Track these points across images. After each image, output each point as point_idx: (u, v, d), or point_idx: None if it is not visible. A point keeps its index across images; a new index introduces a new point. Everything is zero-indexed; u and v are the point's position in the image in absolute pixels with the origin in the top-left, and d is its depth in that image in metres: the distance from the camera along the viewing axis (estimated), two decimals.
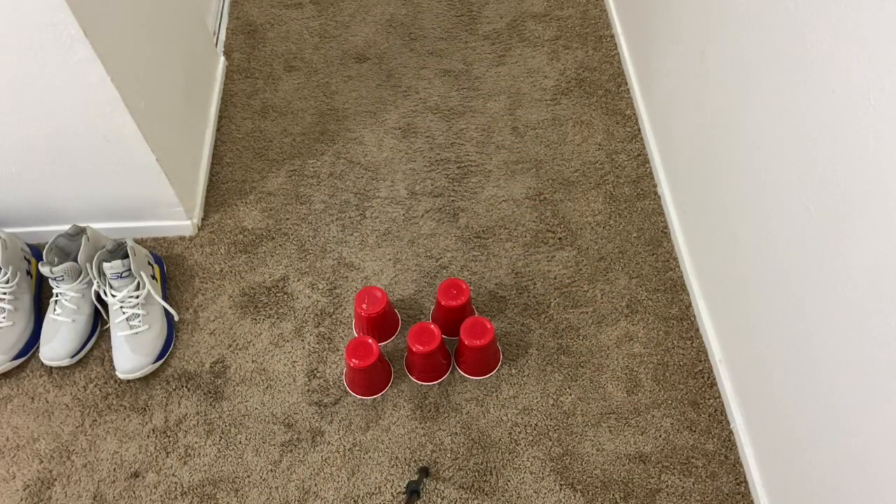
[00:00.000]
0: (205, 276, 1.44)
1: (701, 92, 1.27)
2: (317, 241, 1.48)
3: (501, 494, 1.20)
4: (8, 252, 1.32)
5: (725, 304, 1.26)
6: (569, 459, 1.23)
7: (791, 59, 0.94)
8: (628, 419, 1.27)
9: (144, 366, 1.29)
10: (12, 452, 1.25)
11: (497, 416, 1.27)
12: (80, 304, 1.32)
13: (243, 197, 1.55)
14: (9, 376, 1.33)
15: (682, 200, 1.44)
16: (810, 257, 0.95)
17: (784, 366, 1.06)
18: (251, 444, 1.26)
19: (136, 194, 1.38)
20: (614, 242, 1.46)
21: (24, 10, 1.00)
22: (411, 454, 1.24)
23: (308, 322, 1.38)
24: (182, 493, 1.21)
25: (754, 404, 1.19)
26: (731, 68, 1.13)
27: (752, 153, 1.09)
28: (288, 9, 1.89)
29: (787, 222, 1.00)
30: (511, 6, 1.85)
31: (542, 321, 1.37)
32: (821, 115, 0.88)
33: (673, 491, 1.20)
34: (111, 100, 1.15)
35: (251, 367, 1.33)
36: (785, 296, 1.04)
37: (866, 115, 0.79)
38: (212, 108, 1.65)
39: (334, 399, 1.30)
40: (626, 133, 1.62)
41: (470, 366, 1.30)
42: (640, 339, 1.35)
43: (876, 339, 0.83)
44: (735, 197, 1.16)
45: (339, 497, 1.21)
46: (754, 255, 1.12)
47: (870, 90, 0.78)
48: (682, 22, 1.34)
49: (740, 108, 1.11)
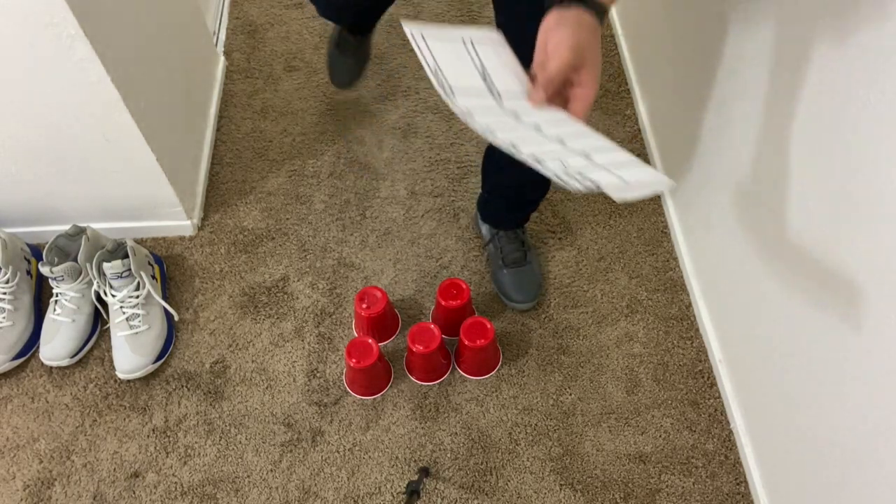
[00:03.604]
0: (205, 276, 1.44)
1: (701, 91, 1.27)
2: (317, 241, 1.48)
3: (501, 494, 1.20)
4: (8, 252, 1.32)
5: (725, 304, 1.26)
6: (569, 459, 1.23)
7: (792, 58, 0.94)
8: (628, 419, 1.27)
9: (144, 366, 1.29)
10: (12, 452, 1.25)
11: (497, 416, 1.27)
12: (80, 304, 1.32)
13: (243, 197, 1.55)
14: (9, 376, 1.33)
15: (681, 200, 1.44)
16: (810, 256, 0.95)
17: (784, 366, 1.06)
18: (251, 444, 1.26)
19: (136, 194, 1.38)
20: (614, 242, 1.46)
21: (24, 10, 1.00)
22: (411, 454, 1.24)
23: (308, 322, 1.38)
24: (182, 493, 1.21)
25: (754, 404, 1.19)
26: (730, 68, 1.13)
27: (752, 153, 1.09)
28: (288, 9, 1.89)
29: (787, 221, 1.00)
30: None
31: (542, 321, 1.37)
32: (821, 115, 0.88)
33: (673, 491, 1.20)
34: (111, 100, 1.15)
35: (251, 367, 1.33)
36: (785, 295, 1.04)
37: (866, 115, 0.79)
38: (212, 108, 1.65)
39: (334, 399, 1.30)
40: (626, 133, 1.62)
41: (470, 366, 1.30)
42: (640, 339, 1.35)
43: (876, 338, 0.83)
44: (735, 197, 1.16)
45: (339, 497, 1.21)
46: (754, 255, 1.12)
47: (870, 90, 0.78)
48: (681, 22, 1.34)
49: (740, 108, 1.11)
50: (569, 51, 0.66)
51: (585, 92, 0.68)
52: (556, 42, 0.67)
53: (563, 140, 0.66)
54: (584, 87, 0.68)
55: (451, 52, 0.66)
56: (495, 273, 1.39)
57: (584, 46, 0.67)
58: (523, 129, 0.67)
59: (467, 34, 0.66)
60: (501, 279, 1.37)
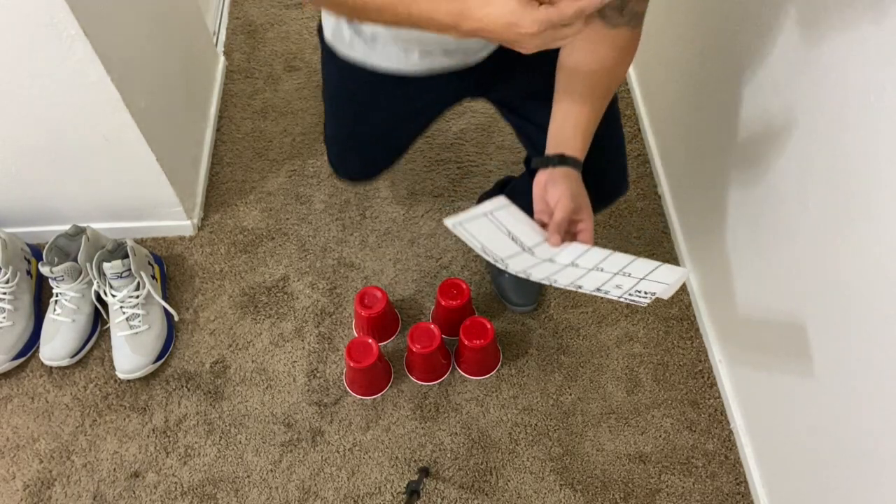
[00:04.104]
0: (205, 276, 1.44)
1: (701, 91, 1.27)
2: (317, 240, 1.48)
3: (501, 494, 1.20)
4: (8, 252, 1.32)
5: (725, 304, 1.26)
6: (569, 459, 1.23)
7: (791, 59, 0.94)
8: (628, 419, 1.27)
9: (144, 366, 1.29)
10: (12, 452, 1.25)
11: (497, 416, 1.27)
12: (80, 304, 1.32)
13: (243, 197, 1.55)
14: (9, 376, 1.33)
15: (682, 200, 1.44)
16: (810, 256, 0.95)
17: (784, 366, 1.06)
18: (251, 444, 1.26)
19: (136, 194, 1.38)
20: (614, 242, 1.46)
21: (24, 10, 1.00)
22: (411, 454, 1.24)
23: (308, 322, 1.38)
24: (182, 493, 1.21)
25: (754, 404, 1.19)
26: (730, 67, 1.13)
27: (752, 153, 1.09)
28: (288, 9, 1.89)
29: (787, 221, 1.00)
30: None
31: (542, 321, 1.37)
32: (821, 115, 0.88)
33: (673, 491, 1.20)
34: (111, 100, 1.15)
35: (251, 367, 1.33)
36: (785, 295, 1.04)
37: (866, 115, 0.79)
38: (212, 108, 1.65)
39: (334, 399, 1.30)
40: (626, 133, 1.61)
41: (470, 366, 1.30)
42: (640, 339, 1.35)
43: (876, 338, 0.83)
44: (735, 197, 1.17)
45: (339, 497, 1.21)
46: (754, 255, 1.12)
47: (870, 90, 0.78)
48: (682, 22, 1.34)
49: (740, 108, 1.11)
50: (569, 200, 0.83)
51: (588, 225, 0.85)
52: (556, 196, 0.83)
53: (601, 267, 0.83)
54: (585, 222, 0.85)
55: (484, 228, 0.79)
56: (495, 276, 1.39)
57: (578, 193, 0.84)
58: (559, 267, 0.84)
59: (487, 209, 0.78)
60: (502, 283, 1.37)
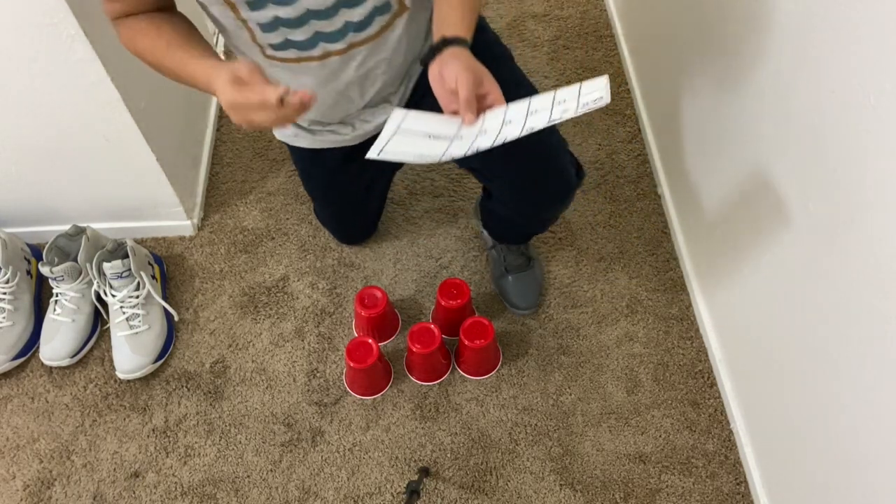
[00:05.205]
0: (205, 276, 1.44)
1: (701, 91, 1.27)
2: (317, 240, 1.48)
3: (501, 494, 1.20)
4: (8, 252, 1.32)
5: (725, 304, 1.26)
6: (569, 459, 1.23)
7: (791, 59, 0.94)
8: (628, 419, 1.27)
9: (144, 366, 1.29)
10: (12, 452, 1.26)
11: (497, 416, 1.27)
12: (80, 304, 1.33)
13: (243, 197, 1.55)
14: (9, 376, 1.33)
15: (682, 200, 1.44)
16: (810, 257, 0.95)
17: (784, 366, 1.06)
18: (251, 444, 1.26)
19: (136, 194, 1.38)
20: (614, 242, 1.46)
21: (24, 10, 1.00)
22: (411, 454, 1.24)
23: (308, 322, 1.38)
24: (182, 493, 1.21)
25: (754, 404, 1.19)
26: (730, 67, 1.13)
27: (752, 153, 1.09)
28: None
29: (788, 222, 1.00)
30: (511, 6, 1.85)
31: (542, 321, 1.37)
32: (821, 115, 0.88)
33: (673, 491, 1.20)
34: (111, 100, 1.15)
35: (251, 367, 1.33)
36: (784, 295, 1.04)
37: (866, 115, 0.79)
38: (212, 108, 1.65)
39: (334, 399, 1.30)
40: (626, 133, 1.62)
41: (470, 366, 1.30)
42: (640, 339, 1.35)
43: (876, 338, 0.83)
44: (735, 197, 1.17)
45: (339, 497, 1.21)
46: (754, 255, 1.12)
47: (870, 90, 0.78)
48: (682, 22, 1.34)
49: (740, 107, 1.11)
50: (465, 73, 0.80)
51: (494, 88, 0.82)
52: (453, 76, 0.80)
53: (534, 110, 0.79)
54: (492, 91, 0.82)
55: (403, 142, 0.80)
56: (497, 278, 1.39)
57: (471, 65, 0.81)
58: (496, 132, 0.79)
59: (393, 126, 0.80)
60: (504, 285, 1.37)
